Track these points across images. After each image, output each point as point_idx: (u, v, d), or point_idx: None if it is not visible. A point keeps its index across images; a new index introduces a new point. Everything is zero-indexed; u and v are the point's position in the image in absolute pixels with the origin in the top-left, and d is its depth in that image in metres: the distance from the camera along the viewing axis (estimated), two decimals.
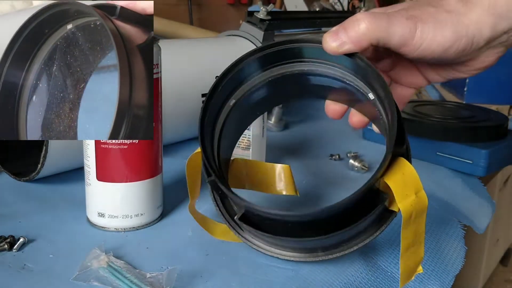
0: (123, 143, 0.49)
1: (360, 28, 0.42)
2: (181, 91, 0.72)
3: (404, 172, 0.41)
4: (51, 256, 0.47)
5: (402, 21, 0.42)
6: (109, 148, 0.49)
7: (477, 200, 0.70)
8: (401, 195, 0.40)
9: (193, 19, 1.42)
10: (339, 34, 0.43)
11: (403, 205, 0.40)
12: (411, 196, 0.40)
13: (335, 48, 0.43)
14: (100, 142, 0.49)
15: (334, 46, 0.43)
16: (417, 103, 0.92)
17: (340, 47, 0.43)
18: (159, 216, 0.55)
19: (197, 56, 0.78)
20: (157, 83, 0.51)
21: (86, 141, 0.50)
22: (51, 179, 0.63)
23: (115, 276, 0.42)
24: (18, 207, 0.56)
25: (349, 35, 0.43)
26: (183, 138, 0.78)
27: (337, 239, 0.44)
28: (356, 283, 0.46)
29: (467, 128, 0.78)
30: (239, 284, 0.44)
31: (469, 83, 1.12)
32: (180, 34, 1.14)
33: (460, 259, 0.53)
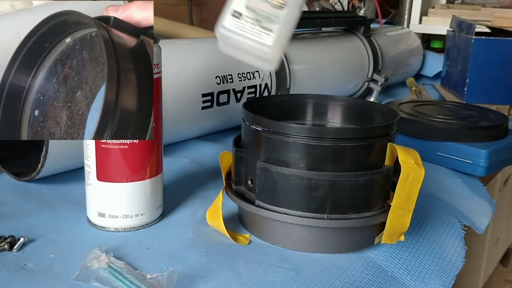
0: (123, 143, 0.49)
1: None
2: (181, 91, 0.72)
3: (407, 148, 0.48)
4: (51, 256, 0.47)
5: None
6: (110, 148, 0.49)
7: (477, 200, 0.70)
8: (403, 156, 0.47)
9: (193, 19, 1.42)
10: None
11: (404, 162, 0.46)
12: (411, 160, 0.47)
13: None
14: (100, 142, 0.49)
15: None
16: (417, 103, 0.92)
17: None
18: (159, 216, 0.55)
19: (197, 56, 0.78)
20: (157, 83, 0.51)
21: (86, 141, 0.50)
22: (51, 179, 0.63)
23: (115, 277, 0.42)
24: (18, 207, 0.56)
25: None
26: (183, 138, 0.78)
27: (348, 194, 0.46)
28: (356, 283, 0.46)
29: (467, 128, 0.78)
30: (239, 284, 0.44)
31: (469, 83, 1.12)
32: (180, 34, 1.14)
33: (460, 259, 0.53)
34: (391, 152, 0.49)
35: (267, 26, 0.42)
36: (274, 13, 0.42)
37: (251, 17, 0.42)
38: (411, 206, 0.48)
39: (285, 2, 0.42)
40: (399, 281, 0.48)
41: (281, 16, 0.42)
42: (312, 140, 0.47)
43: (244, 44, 0.43)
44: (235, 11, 0.42)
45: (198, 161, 0.72)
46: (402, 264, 0.50)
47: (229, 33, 0.42)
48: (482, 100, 1.09)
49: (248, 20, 0.42)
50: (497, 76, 1.10)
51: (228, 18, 0.42)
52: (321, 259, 0.48)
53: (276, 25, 0.42)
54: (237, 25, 0.42)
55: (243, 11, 0.42)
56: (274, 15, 0.42)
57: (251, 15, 0.42)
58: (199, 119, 0.76)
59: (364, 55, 1.13)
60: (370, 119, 0.57)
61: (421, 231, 0.56)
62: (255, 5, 0.42)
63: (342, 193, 0.47)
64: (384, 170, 0.49)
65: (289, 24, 0.43)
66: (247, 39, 0.42)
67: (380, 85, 1.12)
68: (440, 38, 1.67)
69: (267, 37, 0.42)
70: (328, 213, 0.47)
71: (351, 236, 0.50)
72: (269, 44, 0.42)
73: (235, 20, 0.42)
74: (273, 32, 0.42)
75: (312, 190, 0.47)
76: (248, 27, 0.42)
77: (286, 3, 0.42)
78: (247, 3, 0.42)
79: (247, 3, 0.42)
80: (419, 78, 1.44)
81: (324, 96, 0.60)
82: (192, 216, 0.56)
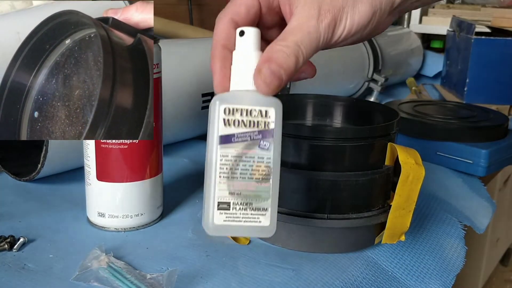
0: (123, 143, 0.49)
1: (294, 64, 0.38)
2: (181, 91, 0.72)
3: (407, 148, 0.49)
4: (51, 256, 0.47)
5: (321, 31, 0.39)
6: (109, 148, 0.49)
7: (477, 200, 0.70)
8: (403, 156, 0.47)
9: (193, 19, 1.42)
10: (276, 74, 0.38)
11: (404, 162, 0.46)
12: (411, 160, 0.47)
13: (275, 90, 0.38)
14: (100, 142, 0.49)
15: (274, 89, 0.38)
16: (417, 103, 0.92)
17: (279, 87, 0.38)
18: (159, 216, 0.55)
19: (197, 56, 0.78)
20: (158, 83, 0.51)
21: (86, 141, 0.50)
22: (51, 179, 0.63)
23: (115, 277, 0.42)
24: (18, 207, 0.56)
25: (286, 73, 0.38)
26: (183, 138, 0.78)
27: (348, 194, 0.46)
28: (356, 283, 0.46)
29: (467, 128, 0.77)
30: (239, 284, 0.44)
31: (469, 83, 1.12)
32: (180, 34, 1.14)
33: (460, 259, 0.53)
34: (391, 152, 0.49)
35: (259, 206, 0.38)
36: (261, 188, 0.38)
37: (240, 202, 0.38)
38: (412, 206, 0.48)
39: (268, 171, 0.38)
40: (399, 281, 0.48)
41: (269, 188, 0.38)
42: (312, 140, 0.47)
43: (241, 232, 0.40)
44: (221, 203, 0.37)
45: (198, 161, 0.72)
46: (402, 264, 0.50)
47: (221, 230, 0.38)
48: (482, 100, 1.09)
49: (238, 207, 0.38)
50: (497, 76, 1.10)
51: (215, 214, 0.37)
52: (321, 259, 0.48)
53: (268, 200, 0.38)
54: (227, 218, 0.38)
55: (229, 200, 0.38)
56: (263, 191, 0.38)
57: (240, 200, 0.38)
58: (199, 119, 0.76)
59: (364, 55, 1.13)
60: (370, 119, 0.57)
61: (421, 231, 0.56)
62: (240, 188, 0.38)
63: (342, 193, 0.47)
64: (384, 170, 0.49)
65: (277, 188, 0.39)
66: (243, 227, 0.38)
67: (380, 85, 1.12)
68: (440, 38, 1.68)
69: (264, 218, 0.38)
70: (328, 213, 0.47)
71: (351, 236, 0.50)
72: (267, 224, 0.38)
73: (224, 213, 0.38)
74: (267, 210, 0.38)
75: (312, 190, 0.47)
76: (240, 214, 0.38)
77: (270, 172, 0.38)
78: (230, 189, 0.38)
79: (230, 189, 0.38)
80: (419, 78, 1.44)
81: (324, 96, 0.60)
82: (192, 216, 0.56)
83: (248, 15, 0.40)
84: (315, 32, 0.38)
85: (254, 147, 0.38)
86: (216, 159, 0.38)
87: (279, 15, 0.42)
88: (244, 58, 0.39)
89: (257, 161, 0.38)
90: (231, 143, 0.38)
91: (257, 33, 0.39)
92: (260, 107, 0.38)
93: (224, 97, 0.38)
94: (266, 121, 0.38)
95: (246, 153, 0.38)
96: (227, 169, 0.38)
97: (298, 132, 0.47)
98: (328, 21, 0.38)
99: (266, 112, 0.38)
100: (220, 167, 0.38)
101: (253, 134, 0.38)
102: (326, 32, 0.39)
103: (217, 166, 0.38)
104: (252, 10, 0.40)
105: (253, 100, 0.38)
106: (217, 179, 0.38)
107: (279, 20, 0.42)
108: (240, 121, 0.38)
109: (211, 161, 0.38)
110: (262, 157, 0.38)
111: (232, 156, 0.38)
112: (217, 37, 0.40)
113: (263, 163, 0.38)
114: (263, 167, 0.38)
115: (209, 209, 0.38)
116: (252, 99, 0.38)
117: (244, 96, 0.38)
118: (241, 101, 0.38)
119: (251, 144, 0.38)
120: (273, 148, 0.38)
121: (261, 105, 0.38)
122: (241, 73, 0.39)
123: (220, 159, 0.38)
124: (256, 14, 0.41)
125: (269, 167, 0.38)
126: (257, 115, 0.38)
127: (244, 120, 0.38)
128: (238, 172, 0.38)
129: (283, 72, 0.38)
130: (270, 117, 0.38)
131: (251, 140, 0.38)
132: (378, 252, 0.51)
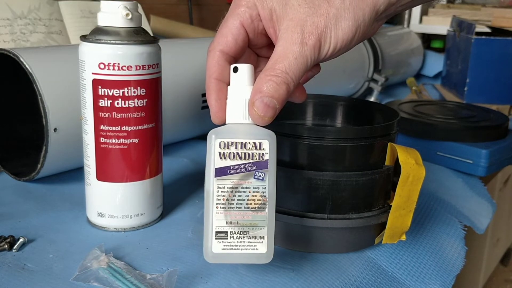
0: (123, 143, 0.49)
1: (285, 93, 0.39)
2: (181, 91, 0.72)
3: (407, 148, 0.48)
4: (51, 256, 0.47)
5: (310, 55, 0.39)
6: (109, 148, 0.49)
7: (477, 200, 0.70)
8: (404, 156, 0.47)
9: (193, 19, 1.42)
10: (269, 105, 0.39)
11: (404, 162, 0.46)
12: (411, 160, 0.46)
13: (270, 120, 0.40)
14: (100, 142, 0.49)
15: (269, 119, 0.39)
16: (417, 103, 0.92)
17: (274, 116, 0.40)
18: (159, 216, 0.55)
19: (197, 56, 0.78)
20: (157, 83, 0.51)
21: (86, 141, 0.50)
22: (51, 179, 0.63)
23: (115, 277, 0.42)
24: (18, 207, 0.56)
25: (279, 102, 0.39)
26: (183, 138, 0.78)
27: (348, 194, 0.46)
28: (356, 283, 0.46)
29: (467, 128, 0.77)
30: (239, 284, 0.44)
31: (469, 83, 1.12)
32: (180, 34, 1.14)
33: (460, 259, 0.53)
34: (392, 152, 0.49)
35: (256, 234, 0.40)
36: (257, 217, 0.40)
37: (237, 231, 0.39)
38: (412, 206, 0.48)
39: (264, 201, 0.40)
40: (399, 281, 0.48)
41: (265, 217, 0.40)
42: (312, 140, 0.47)
43: (239, 259, 0.41)
44: (219, 232, 0.39)
45: (198, 161, 0.72)
46: (402, 264, 0.50)
47: (220, 258, 0.40)
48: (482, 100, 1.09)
49: (235, 235, 0.39)
50: (497, 76, 1.10)
51: (213, 243, 0.39)
52: (321, 259, 0.48)
53: (265, 229, 0.40)
54: (225, 247, 0.39)
55: (227, 229, 0.39)
56: (259, 219, 0.40)
57: (237, 229, 0.39)
58: (199, 119, 0.76)
59: (364, 55, 1.13)
60: (370, 119, 0.57)
61: (421, 231, 0.56)
62: (236, 217, 0.39)
63: (342, 193, 0.47)
64: (385, 170, 0.49)
65: (273, 216, 0.40)
66: (240, 255, 0.40)
67: (380, 85, 1.12)
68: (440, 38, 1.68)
69: (261, 245, 0.40)
70: (328, 213, 0.47)
71: (351, 236, 0.50)
72: (264, 252, 0.40)
73: (222, 242, 0.39)
74: (264, 238, 0.40)
75: (312, 190, 0.47)
76: (238, 242, 0.40)
77: (266, 201, 0.40)
78: (227, 219, 0.39)
79: (227, 218, 0.39)
80: (420, 78, 1.44)
81: (324, 96, 0.60)
82: (192, 216, 0.56)
83: (236, 44, 0.41)
84: (301, 56, 0.39)
85: (250, 178, 0.39)
86: (213, 191, 0.39)
87: (267, 36, 0.42)
88: (238, 93, 0.40)
89: (253, 191, 0.40)
90: (227, 175, 0.39)
91: (250, 68, 0.41)
92: (254, 139, 0.39)
93: (219, 131, 0.39)
94: (260, 152, 0.39)
95: (242, 184, 0.39)
96: (224, 200, 0.39)
97: (298, 132, 0.47)
98: (313, 43, 0.39)
99: (260, 144, 0.39)
100: (217, 198, 0.39)
101: (248, 165, 0.39)
102: (312, 54, 0.39)
103: (214, 197, 0.39)
104: (239, 38, 0.41)
105: (247, 133, 0.39)
106: (215, 209, 0.39)
107: (268, 40, 0.43)
108: (235, 153, 0.39)
109: (209, 192, 0.39)
110: (258, 187, 0.40)
111: (228, 187, 0.39)
112: (210, 71, 0.41)
113: (259, 192, 0.40)
114: (259, 197, 0.40)
115: (208, 238, 0.40)
116: (246, 132, 0.39)
117: (239, 129, 0.40)
118: (235, 134, 0.39)
119: (246, 175, 0.39)
120: (268, 178, 0.40)
121: (255, 137, 0.39)
122: (236, 107, 0.40)
123: (217, 190, 0.39)
124: (244, 41, 0.42)
125: (265, 196, 0.40)
126: (251, 147, 0.39)
127: (239, 152, 0.39)
128: (235, 202, 0.40)
129: (276, 101, 0.39)
130: (264, 149, 0.39)
131: (246, 171, 0.39)
132: (378, 252, 0.51)
